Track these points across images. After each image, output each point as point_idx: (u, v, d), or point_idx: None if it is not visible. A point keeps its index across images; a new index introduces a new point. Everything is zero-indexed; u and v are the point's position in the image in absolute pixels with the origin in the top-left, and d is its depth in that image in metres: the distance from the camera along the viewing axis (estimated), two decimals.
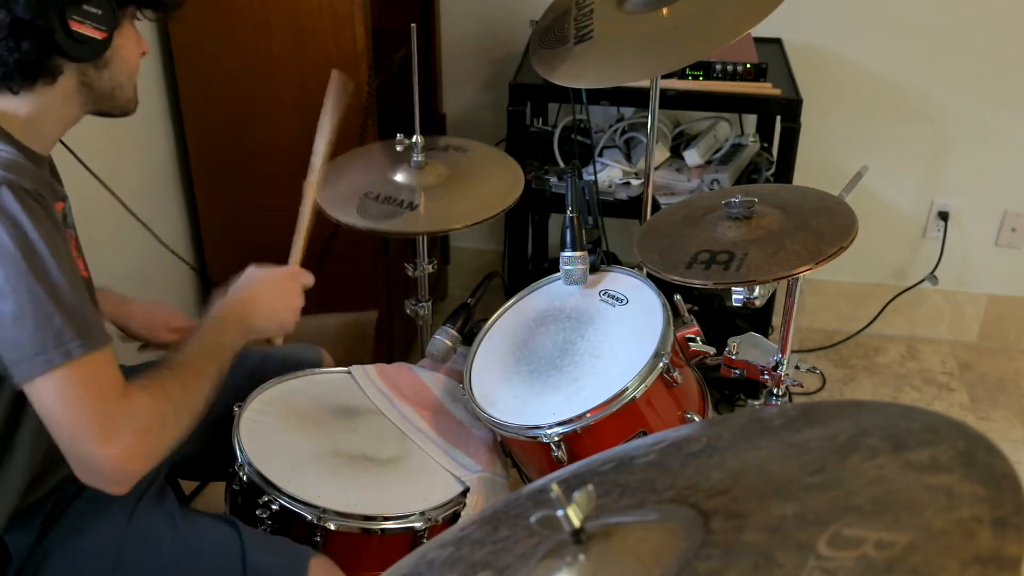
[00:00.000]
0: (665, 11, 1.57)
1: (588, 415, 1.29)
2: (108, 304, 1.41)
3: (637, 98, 2.17)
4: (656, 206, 2.14)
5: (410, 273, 1.88)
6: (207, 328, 1.22)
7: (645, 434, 1.32)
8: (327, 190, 1.72)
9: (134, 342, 1.46)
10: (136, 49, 1.17)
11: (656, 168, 2.30)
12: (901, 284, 2.71)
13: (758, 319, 2.39)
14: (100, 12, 1.07)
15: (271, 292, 1.32)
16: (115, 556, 1.20)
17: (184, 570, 1.22)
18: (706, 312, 2.38)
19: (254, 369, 1.52)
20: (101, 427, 1.01)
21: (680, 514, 0.63)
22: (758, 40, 2.36)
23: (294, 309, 1.34)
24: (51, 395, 1.00)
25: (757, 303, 1.36)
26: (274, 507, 1.27)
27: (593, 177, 2.26)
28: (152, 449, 1.07)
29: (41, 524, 1.20)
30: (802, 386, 1.60)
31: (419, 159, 1.75)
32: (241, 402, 1.41)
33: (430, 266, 1.86)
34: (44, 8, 1.02)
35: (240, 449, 1.33)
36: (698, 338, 1.47)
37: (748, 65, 2.17)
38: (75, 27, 1.05)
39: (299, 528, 1.27)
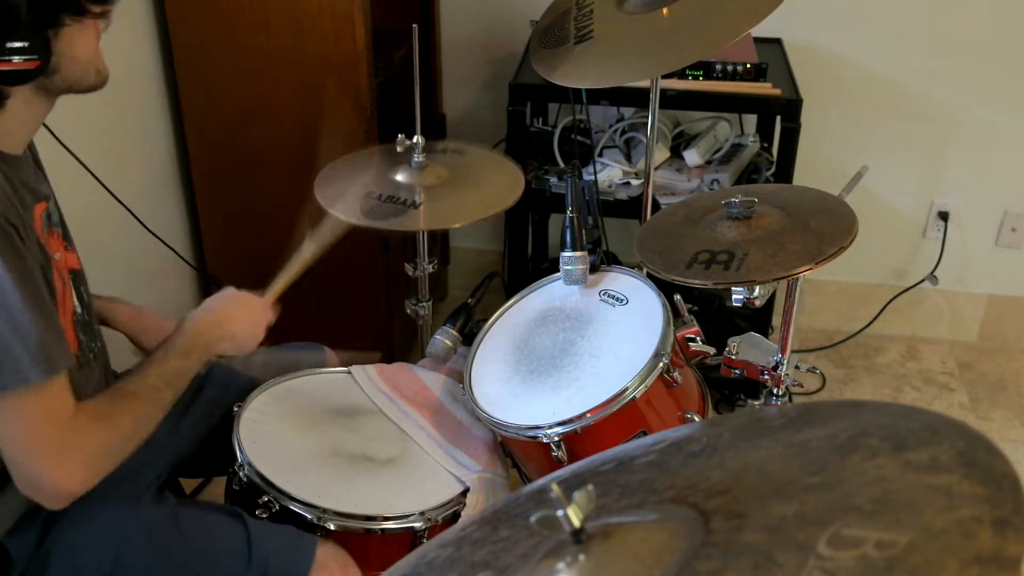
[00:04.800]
0: (665, 11, 1.57)
1: (588, 415, 1.29)
2: (122, 315, 1.42)
3: (637, 98, 2.17)
4: (656, 206, 2.14)
5: (410, 273, 1.88)
6: (171, 352, 1.22)
7: (645, 434, 1.32)
8: (328, 191, 1.72)
9: (140, 353, 1.46)
10: (89, 41, 1.11)
11: (656, 168, 2.30)
12: (901, 284, 2.71)
13: (758, 319, 2.39)
14: (27, 44, 1.02)
15: (240, 316, 1.32)
16: (116, 554, 1.20)
17: (188, 561, 1.23)
18: (706, 312, 2.38)
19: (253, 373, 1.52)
20: (48, 453, 1.04)
21: (680, 514, 0.63)
22: (758, 40, 2.36)
23: (257, 336, 1.34)
24: (1, 417, 1.02)
25: (757, 303, 1.36)
26: (274, 507, 1.27)
27: (593, 177, 2.26)
28: (94, 476, 1.09)
29: (41, 527, 1.20)
30: (802, 386, 1.60)
31: (420, 159, 1.75)
32: (241, 402, 1.41)
33: (430, 266, 1.86)
34: None
35: (240, 449, 1.33)
36: (698, 338, 1.47)
37: (748, 65, 2.17)
38: (3, 67, 1.02)
39: (299, 528, 1.26)
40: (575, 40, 1.64)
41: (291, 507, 1.26)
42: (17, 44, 1.01)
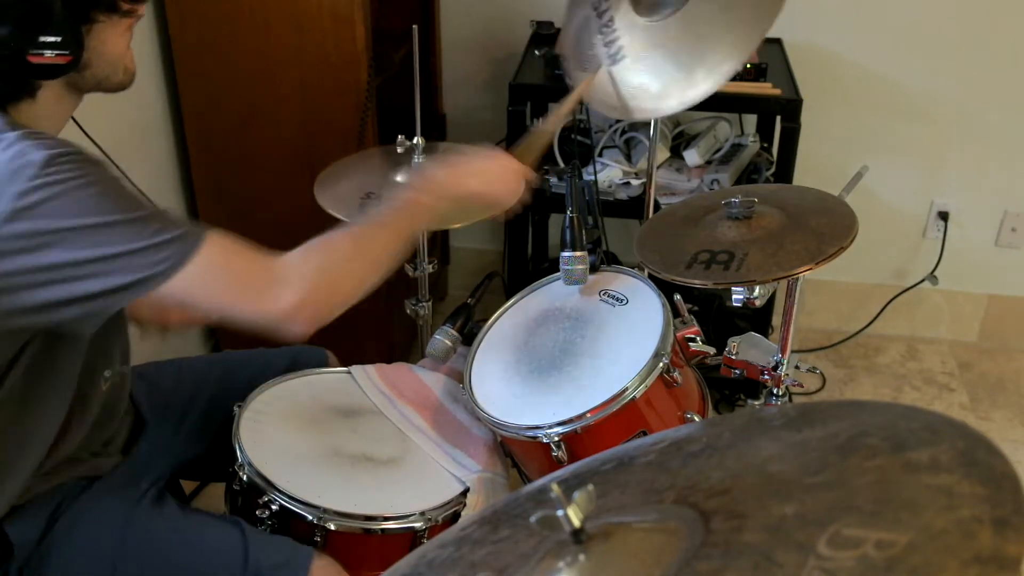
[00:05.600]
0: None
1: (588, 415, 1.29)
2: None
3: None
4: (656, 206, 2.14)
5: (410, 273, 1.88)
6: (407, 188, 1.22)
7: (645, 434, 1.32)
8: (327, 191, 1.72)
9: (148, 335, 1.46)
10: (120, 38, 1.12)
11: (656, 168, 2.29)
12: (901, 284, 2.71)
13: (758, 319, 2.39)
14: (60, 39, 1.04)
15: (488, 161, 1.30)
16: (115, 555, 1.20)
17: (185, 567, 1.23)
18: (706, 312, 2.38)
19: (255, 369, 1.52)
20: (248, 290, 1.05)
21: (680, 514, 0.63)
22: None
23: (513, 184, 1.31)
24: (194, 284, 1.03)
25: (757, 303, 1.36)
26: (274, 507, 1.27)
27: (593, 177, 2.26)
28: (320, 296, 1.09)
29: (46, 520, 1.20)
30: (802, 386, 1.60)
31: (420, 160, 1.75)
32: (241, 402, 1.41)
33: (430, 266, 1.86)
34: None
35: (240, 449, 1.33)
36: (698, 338, 1.47)
37: (748, 65, 2.17)
38: (36, 60, 1.03)
39: (299, 528, 1.27)
40: (609, 62, 1.60)
41: (291, 507, 1.26)
42: (50, 38, 1.03)
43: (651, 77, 1.58)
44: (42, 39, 1.02)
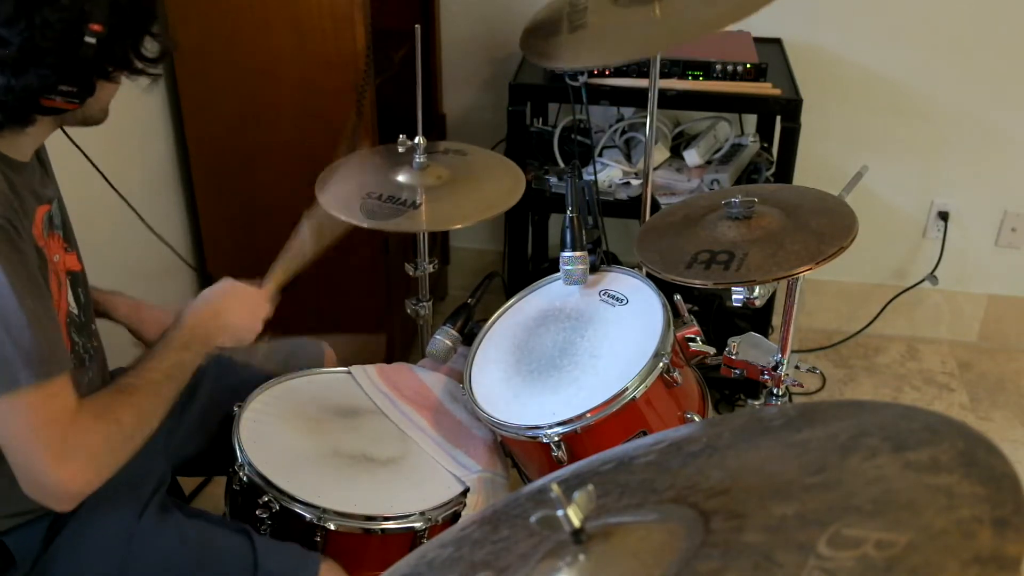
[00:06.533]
0: (657, 11, 1.56)
1: (588, 415, 1.29)
2: (123, 307, 1.43)
3: (637, 98, 2.17)
4: (656, 206, 2.14)
5: (410, 273, 1.88)
6: (170, 345, 1.23)
7: (645, 434, 1.32)
8: (327, 191, 1.72)
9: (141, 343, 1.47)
10: (113, 91, 1.17)
11: (656, 168, 2.30)
12: (901, 284, 2.71)
13: (758, 319, 2.39)
14: (76, 90, 1.07)
15: (237, 308, 1.33)
16: (122, 567, 1.20)
17: None
18: (706, 312, 2.38)
19: (254, 369, 1.52)
20: (49, 452, 1.04)
21: (680, 514, 0.63)
22: (758, 40, 2.36)
23: (255, 328, 1.35)
24: (1, 419, 1.03)
25: (757, 303, 1.36)
26: (274, 507, 1.27)
27: (593, 177, 2.26)
28: (99, 474, 1.09)
29: (46, 531, 1.20)
30: (802, 386, 1.60)
31: (421, 160, 1.75)
32: (241, 402, 1.41)
33: (430, 266, 1.86)
34: (17, 94, 1.03)
35: (240, 449, 1.33)
36: (698, 338, 1.47)
37: (748, 65, 2.17)
38: (47, 104, 1.06)
39: (299, 528, 1.27)
40: (568, 31, 1.63)
41: (291, 507, 1.26)
42: (68, 87, 1.06)
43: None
44: (61, 87, 1.05)
